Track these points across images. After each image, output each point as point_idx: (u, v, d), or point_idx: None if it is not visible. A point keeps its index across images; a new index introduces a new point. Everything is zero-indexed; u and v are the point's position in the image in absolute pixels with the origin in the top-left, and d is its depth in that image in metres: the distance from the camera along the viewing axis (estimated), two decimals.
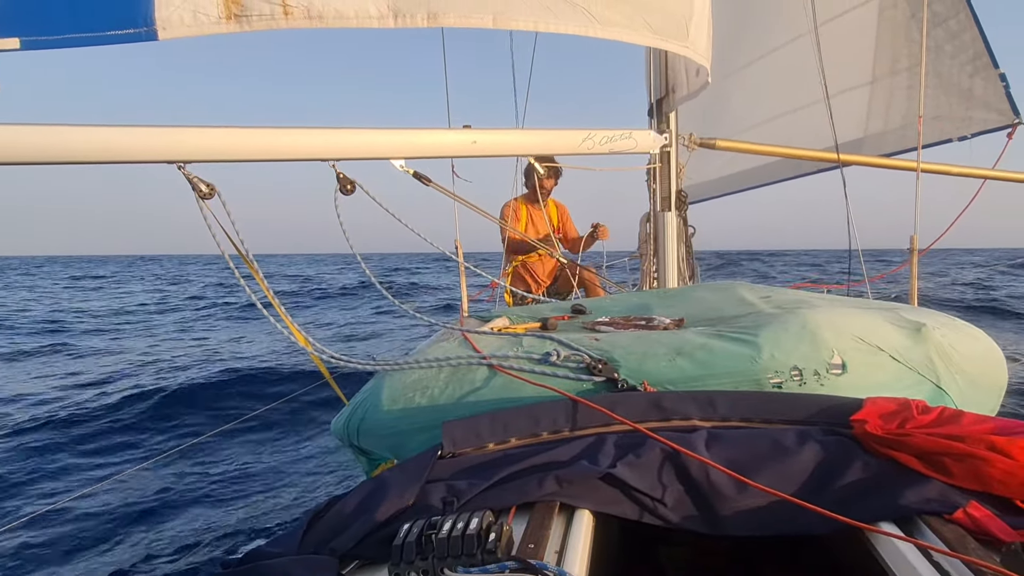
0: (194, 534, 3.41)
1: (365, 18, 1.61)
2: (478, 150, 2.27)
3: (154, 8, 1.48)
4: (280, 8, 1.55)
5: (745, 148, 3.31)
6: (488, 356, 1.60)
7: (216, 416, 5.64)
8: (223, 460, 4.60)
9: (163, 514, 3.72)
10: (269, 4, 1.55)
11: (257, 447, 4.83)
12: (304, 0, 1.55)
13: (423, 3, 1.65)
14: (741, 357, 1.45)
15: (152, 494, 3.96)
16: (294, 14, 1.55)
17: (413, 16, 1.66)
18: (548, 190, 4.26)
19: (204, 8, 1.51)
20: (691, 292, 2.41)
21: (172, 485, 4.14)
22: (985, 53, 3.91)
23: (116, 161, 1.62)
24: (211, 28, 1.52)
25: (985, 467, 0.93)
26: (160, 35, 1.49)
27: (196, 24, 1.51)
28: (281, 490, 4.05)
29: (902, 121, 4.22)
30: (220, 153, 1.75)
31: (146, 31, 1.48)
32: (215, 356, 8.41)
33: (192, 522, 3.62)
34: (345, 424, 1.59)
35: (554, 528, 0.95)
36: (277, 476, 4.29)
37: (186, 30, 1.51)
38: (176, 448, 4.56)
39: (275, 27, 1.58)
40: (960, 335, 1.52)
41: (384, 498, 1.05)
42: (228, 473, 4.38)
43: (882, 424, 1.07)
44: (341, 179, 1.94)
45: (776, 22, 4.46)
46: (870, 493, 0.97)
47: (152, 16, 1.48)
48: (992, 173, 3.59)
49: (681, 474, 1.04)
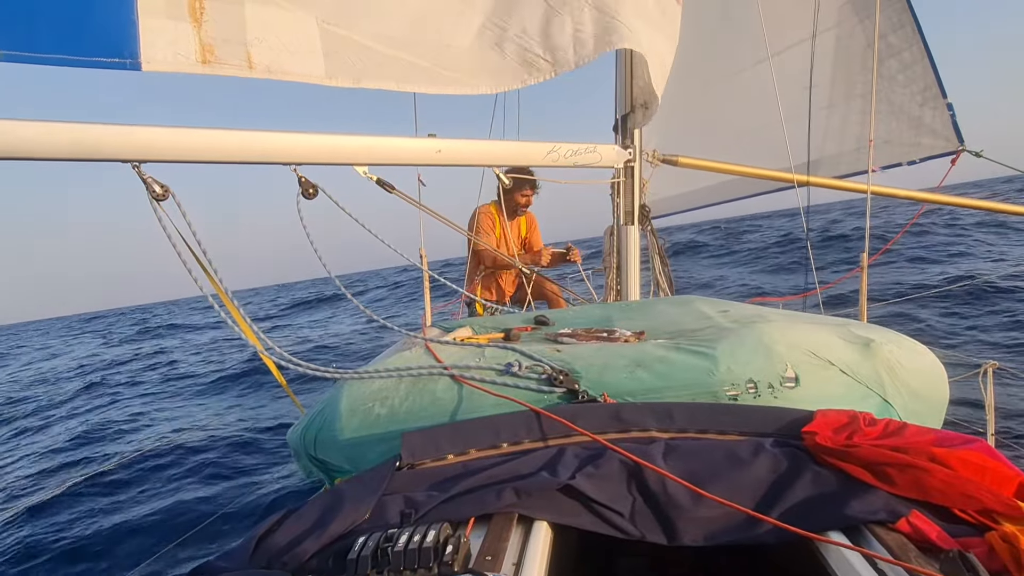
0: (137, 551, 3.27)
1: (309, 76, 2.01)
2: (443, 159, 2.28)
3: (139, 45, 1.69)
4: (246, 62, 1.88)
5: (706, 166, 3.39)
6: (450, 366, 1.59)
7: None
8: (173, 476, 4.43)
9: (96, 536, 3.55)
10: (237, 57, 1.86)
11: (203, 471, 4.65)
12: (265, 59, 1.91)
13: (349, 71, 2.07)
14: (699, 370, 1.48)
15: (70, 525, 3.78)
16: (256, 68, 1.89)
17: (343, 79, 2.07)
18: (526, 205, 4.17)
19: (184, 52, 1.76)
20: (652, 305, 2.44)
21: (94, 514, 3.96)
22: (935, 84, 4.13)
23: (70, 158, 1.62)
24: (188, 68, 1.78)
25: (926, 477, 0.97)
26: (144, 67, 1.70)
27: (176, 63, 1.75)
28: (228, 505, 3.92)
29: (856, 144, 4.41)
30: (177, 153, 1.75)
31: (130, 62, 1.68)
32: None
33: (133, 540, 3.47)
34: (302, 434, 1.55)
35: (512, 540, 0.95)
36: (226, 494, 4.16)
37: (167, 67, 1.74)
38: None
39: (240, 75, 1.88)
40: (905, 350, 1.58)
41: (340, 511, 1.03)
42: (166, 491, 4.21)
43: (832, 436, 1.11)
44: (303, 183, 1.94)
45: (740, 46, 4.61)
46: (819, 503, 0.99)
47: (137, 51, 1.69)
48: (934, 197, 3.78)
49: (639, 485, 1.05)
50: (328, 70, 2.03)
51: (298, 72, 1.98)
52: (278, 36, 1.93)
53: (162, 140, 1.71)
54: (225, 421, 5.76)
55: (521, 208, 4.17)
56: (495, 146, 2.51)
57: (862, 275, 2.76)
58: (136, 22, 1.68)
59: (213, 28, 1.81)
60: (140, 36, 1.68)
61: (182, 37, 1.75)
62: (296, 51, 1.97)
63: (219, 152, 1.82)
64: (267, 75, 1.92)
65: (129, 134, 1.67)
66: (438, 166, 2.37)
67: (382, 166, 2.23)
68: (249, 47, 1.87)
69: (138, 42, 1.68)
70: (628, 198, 2.96)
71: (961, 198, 3.84)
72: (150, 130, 1.70)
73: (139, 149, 1.68)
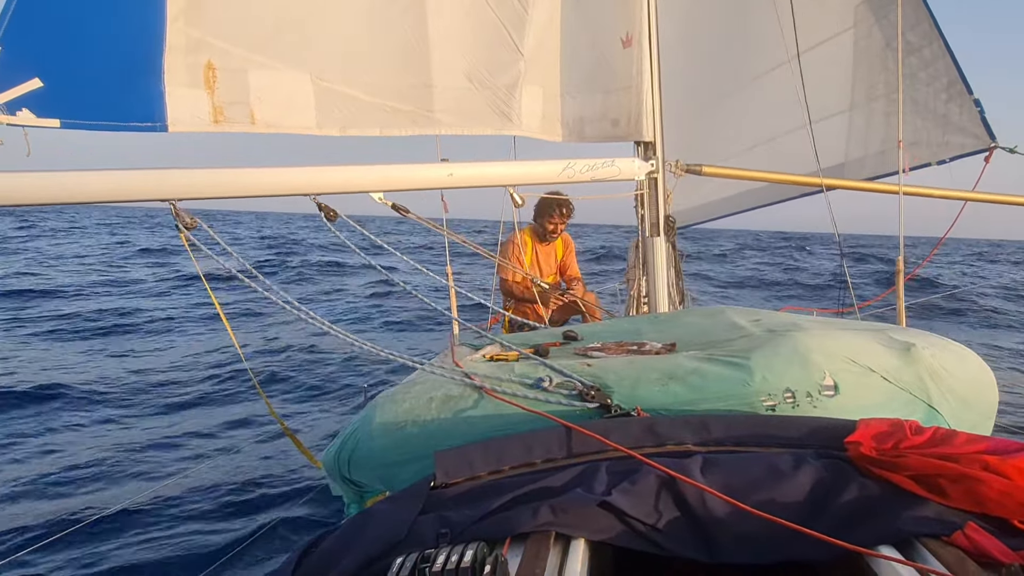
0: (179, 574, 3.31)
1: (302, 128, 2.32)
2: (455, 182, 2.35)
3: (167, 111, 2.03)
4: (249, 120, 2.20)
5: (731, 174, 3.36)
6: (480, 383, 1.59)
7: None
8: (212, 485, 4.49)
9: (136, 559, 3.60)
10: (242, 116, 2.19)
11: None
12: (265, 116, 2.23)
13: (336, 121, 2.36)
14: (734, 381, 1.45)
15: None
16: (258, 124, 2.21)
17: (331, 128, 2.36)
18: (554, 232, 3.93)
19: (200, 115, 2.11)
20: (682, 317, 2.41)
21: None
22: (959, 80, 4.03)
23: (117, 201, 1.92)
24: (204, 127, 2.11)
25: (981, 487, 0.93)
26: (169, 129, 2.04)
27: (193, 124, 2.09)
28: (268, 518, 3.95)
29: (881, 146, 4.31)
30: (210, 191, 1.99)
31: (160, 125, 2.04)
32: None
33: (174, 563, 3.52)
34: (336, 456, 1.56)
35: (550, 559, 0.93)
36: (264, 511, 4.19)
37: (187, 127, 2.08)
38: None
39: (246, 131, 2.20)
40: (950, 355, 1.53)
41: (376, 531, 1.03)
42: (214, 500, 4.27)
43: (876, 446, 1.07)
44: (323, 208, 2.04)
45: (756, 52, 4.58)
46: (867, 517, 0.96)
47: (164, 115, 2.04)
48: (972, 195, 3.66)
49: (677, 500, 1.03)
50: (319, 121, 2.33)
51: (292, 125, 2.28)
52: (276, 95, 2.23)
53: (199, 180, 1.95)
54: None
55: (551, 235, 3.91)
56: (507, 167, 2.54)
57: (898, 279, 2.69)
58: (164, 92, 2.02)
59: (223, 93, 2.13)
60: (167, 103, 2.03)
61: (198, 102, 2.09)
62: (291, 106, 2.28)
63: (245, 188, 2.03)
64: (267, 130, 2.23)
65: (166, 177, 1.91)
66: (452, 188, 2.43)
67: (397, 192, 2.36)
68: (252, 107, 2.19)
69: (165, 108, 2.03)
70: (653, 210, 2.94)
71: (1003, 195, 3.70)
72: (184, 172, 1.94)
73: (175, 190, 1.91)
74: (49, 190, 1.75)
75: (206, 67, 2.08)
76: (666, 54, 2.94)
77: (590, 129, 2.93)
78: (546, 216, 3.85)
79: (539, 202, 3.85)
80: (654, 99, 2.84)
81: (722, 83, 4.91)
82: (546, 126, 2.86)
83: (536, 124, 2.80)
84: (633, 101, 2.82)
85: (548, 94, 2.85)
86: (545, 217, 3.85)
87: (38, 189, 1.74)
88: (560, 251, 4.12)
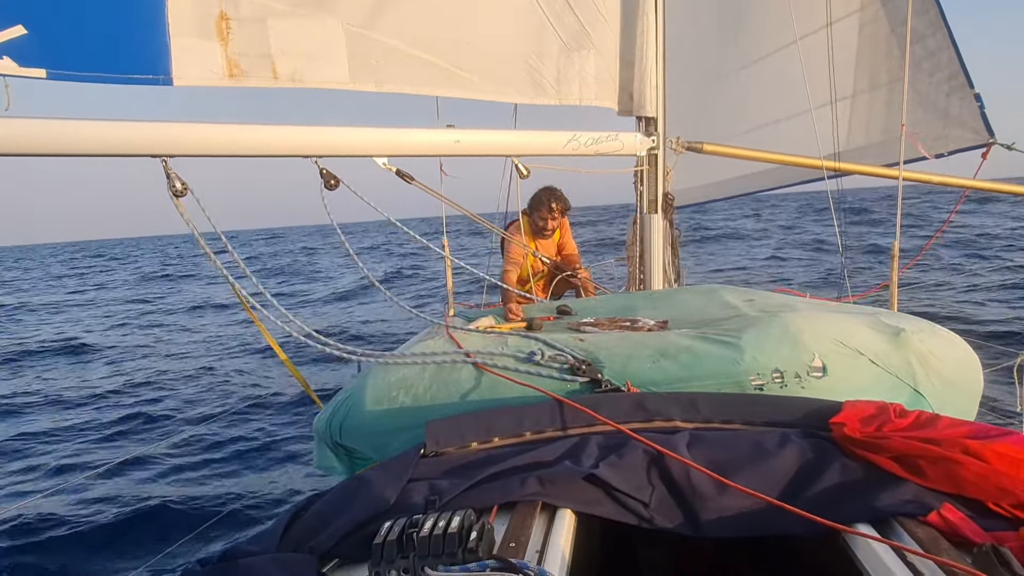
0: (169, 531, 3.37)
1: (333, 82, 2.09)
2: (461, 149, 2.29)
3: (171, 63, 1.84)
4: (271, 73, 1.98)
5: (732, 153, 3.33)
6: (473, 355, 1.59)
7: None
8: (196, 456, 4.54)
9: (133, 515, 3.65)
10: (262, 70, 1.96)
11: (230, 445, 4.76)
12: (288, 69, 2.00)
13: (371, 74, 2.15)
14: (724, 359, 1.46)
15: (117, 496, 3.90)
16: (281, 78, 1.99)
17: (365, 83, 2.15)
18: (547, 228, 3.71)
19: (212, 68, 1.90)
20: (676, 295, 2.42)
21: (144, 484, 4.08)
22: (961, 73, 3.97)
23: (105, 154, 1.73)
24: (216, 81, 1.91)
25: (959, 470, 0.94)
26: (175, 83, 1.85)
27: (204, 78, 1.89)
28: (261, 487, 4.00)
29: (882, 136, 4.27)
30: (205, 148, 1.83)
31: (163, 78, 1.84)
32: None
33: (167, 520, 3.57)
34: (328, 422, 1.57)
35: (535, 528, 0.95)
36: (256, 473, 4.24)
37: (197, 81, 1.88)
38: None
39: (266, 86, 1.99)
40: (938, 340, 1.54)
41: (365, 497, 1.04)
42: (204, 469, 4.32)
43: (860, 427, 1.09)
44: (324, 175, 1.97)
45: (760, 34, 4.51)
46: (847, 495, 0.98)
47: (169, 68, 1.84)
48: (972, 183, 3.66)
49: (663, 475, 1.05)
50: (352, 74, 2.10)
51: (321, 79, 2.07)
52: (301, 45, 2.01)
53: (192, 135, 1.80)
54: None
55: (547, 231, 3.72)
56: (513, 136, 2.50)
57: (893, 264, 2.70)
58: (168, 43, 1.83)
59: (238, 44, 1.92)
60: (172, 55, 1.84)
61: (210, 54, 1.89)
62: (319, 57, 2.05)
63: (243, 146, 1.89)
64: (291, 84, 2.01)
65: (158, 130, 1.76)
66: (457, 156, 2.38)
67: (401, 157, 2.25)
68: (274, 59, 1.97)
69: (170, 60, 1.83)
70: (652, 186, 2.92)
71: (1000, 184, 3.69)
72: (178, 126, 1.80)
73: (168, 144, 1.77)
74: (28, 138, 1.61)
75: (219, 17, 1.88)
76: (671, 30, 2.89)
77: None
78: (541, 210, 3.64)
79: (534, 196, 3.71)
80: (657, 74, 2.80)
81: (727, 62, 4.84)
82: (601, 92, 2.73)
83: (592, 93, 2.68)
84: (636, 75, 2.78)
85: (604, 63, 2.73)
86: (540, 211, 3.65)
87: (14, 136, 1.59)
88: (557, 233, 3.95)
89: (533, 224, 3.80)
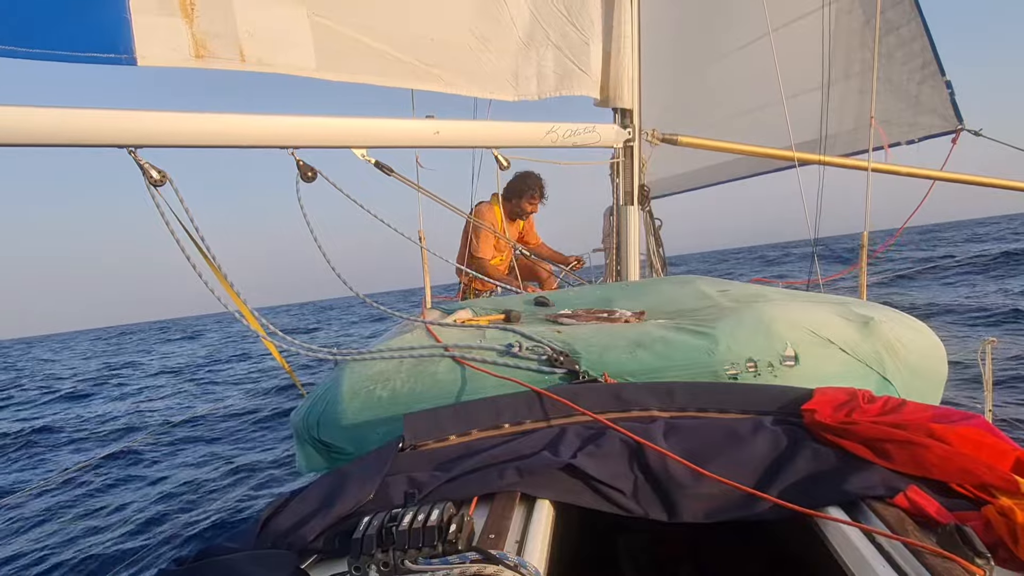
0: (146, 531, 3.31)
1: (299, 69, 2.05)
2: (441, 140, 2.27)
3: (134, 41, 1.71)
4: (238, 55, 1.92)
5: (706, 145, 3.37)
6: (451, 348, 1.59)
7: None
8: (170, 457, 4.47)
9: (112, 514, 3.59)
10: (229, 51, 1.90)
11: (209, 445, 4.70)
12: (256, 52, 1.95)
13: (338, 65, 2.11)
14: (699, 349, 1.48)
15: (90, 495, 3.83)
16: (248, 61, 1.94)
17: (329, 71, 2.11)
18: (532, 213, 3.90)
19: (177, 47, 1.80)
20: (652, 285, 2.44)
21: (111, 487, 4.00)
22: (934, 61, 4.07)
23: (65, 143, 1.62)
24: (182, 62, 1.82)
25: (924, 453, 0.98)
26: (139, 63, 1.73)
27: (169, 58, 1.79)
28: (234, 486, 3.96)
29: (854, 124, 4.36)
30: (174, 138, 1.76)
31: (126, 58, 1.71)
32: None
33: (144, 519, 3.51)
34: (304, 417, 1.56)
35: (515, 518, 0.96)
36: (233, 472, 4.20)
37: (161, 61, 1.78)
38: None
39: (232, 68, 1.92)
40: (905, 329, 1.58)
41: (344, 492, 1.03)
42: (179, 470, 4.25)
43: (831, 413, 1.11)
44: (301, 167, 1.93)
45: (736, 23, 4.55)
46: (818, 480, 1.00)
47: (132, 47, 1.71)
48: (940, 174, 3.75)
49: (640, 464, 1.06)
50: (319, 63, 2.08)
51: (288, 64, 2.02)
52: (269, 29, 1.97)
53: (159, 125, 1.72)
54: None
55: (526, 215, 3.87)
56: (494, 127, 2.49)
57: (862, 254, 2.76)
58: (129, 20, 1.71)
59: (205, 23, 1.83)
60: (134, 33, 1.71)
61: (175, 33, 1.79)
62: (286, 43, 2.01)
63: (216, 136, 1.82)
64: (259, 68, 1.97)
65: (125, 119, 1.67)
66: (437, 148, 2.35)
67: (380, 148, 2.22)
68: (241, 41, 1.91)
69: (132, 38, 1.71)
70: (628, 178, 2.94)
71: (966, 175, 3.79)
72: (146, 115, 1.71)
73: (135, 134, 1.68)
74: None
75: None
76: (647, 21, 2.90)
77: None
78: (526, 196, 3.77)
79: (519, 181, 3.75)
80: (633, 66, 2.81)
81: (703, 53, 4.88)
82: (577, 84, 2.74)
83: (551, 86, 2.68)
84: (612, 68, 2.78)
85: (561, 56, 2.72)
86: (525, 197, 3.77)
87: None
88: (522, 224, 4.09)
89: (511, 209, 3.84)
